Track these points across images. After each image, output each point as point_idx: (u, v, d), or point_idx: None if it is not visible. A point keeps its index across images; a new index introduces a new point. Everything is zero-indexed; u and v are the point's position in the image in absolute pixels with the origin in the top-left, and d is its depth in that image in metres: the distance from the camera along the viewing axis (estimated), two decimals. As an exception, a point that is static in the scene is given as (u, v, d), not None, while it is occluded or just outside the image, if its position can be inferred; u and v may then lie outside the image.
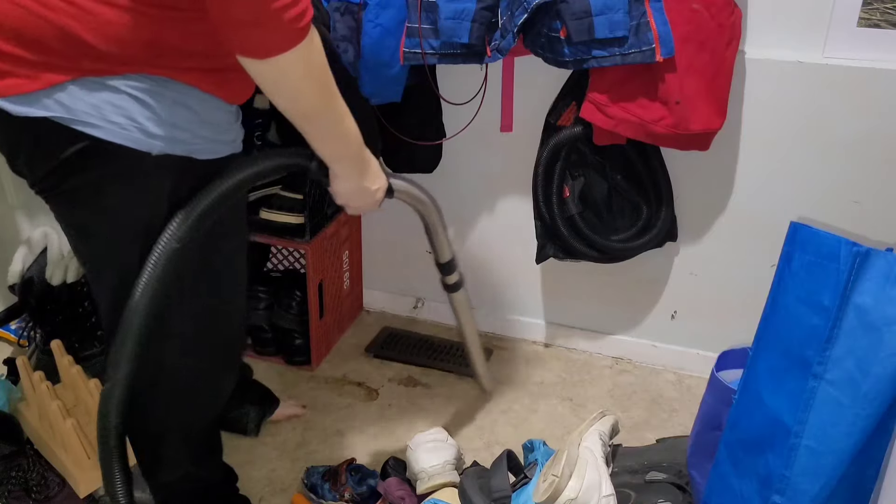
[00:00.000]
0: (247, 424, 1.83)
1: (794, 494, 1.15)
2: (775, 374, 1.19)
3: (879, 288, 1.08)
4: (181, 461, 1.40)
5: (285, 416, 1.90)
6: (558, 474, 1.31)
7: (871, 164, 1.70)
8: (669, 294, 2.03)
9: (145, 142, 1.07)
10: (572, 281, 2.09)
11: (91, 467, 1.57)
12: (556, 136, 1.77)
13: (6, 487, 1.55)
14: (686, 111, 1.60)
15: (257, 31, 0.98)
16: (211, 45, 1.07)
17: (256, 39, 0.99)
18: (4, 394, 1.76)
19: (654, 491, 1.47)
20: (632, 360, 2.13)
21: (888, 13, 1.59)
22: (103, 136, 1.05)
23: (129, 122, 1.06)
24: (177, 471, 1.41)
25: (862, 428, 1.10)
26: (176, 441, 1.38)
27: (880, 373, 1.07)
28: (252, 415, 1.84)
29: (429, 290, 2.28)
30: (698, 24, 1.55)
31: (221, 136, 1.16)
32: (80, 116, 1.04)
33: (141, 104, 1.06)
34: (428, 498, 1.51)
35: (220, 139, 1.16)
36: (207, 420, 1.43)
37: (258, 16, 0.96)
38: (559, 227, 1.84)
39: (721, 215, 1.89)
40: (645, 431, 1.86)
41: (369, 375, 2.07)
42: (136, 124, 1.06)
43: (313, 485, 1.65)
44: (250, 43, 1.00)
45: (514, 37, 1.57)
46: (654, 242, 1.87)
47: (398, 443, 1.80)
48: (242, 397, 1.86)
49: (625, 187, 1.83)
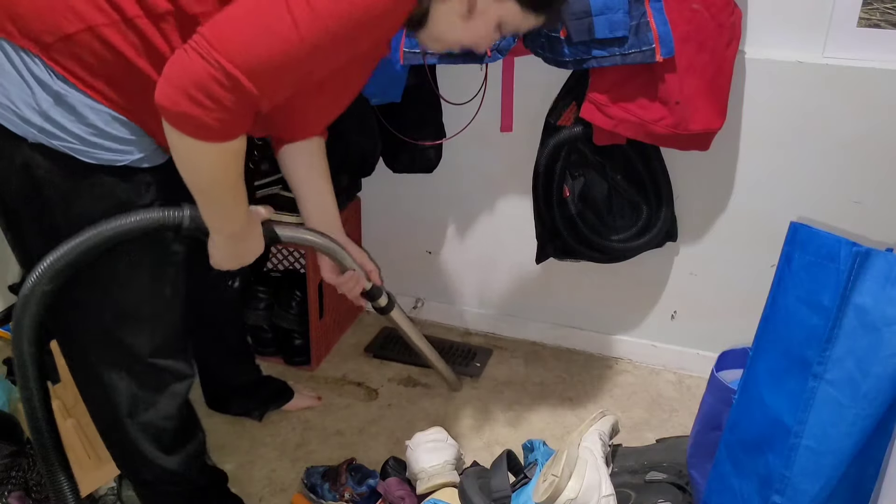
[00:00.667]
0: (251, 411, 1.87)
1: (794, 494, 1.15)
2: (775, 374, 1.19)
3: (879, 288, 1.08)
4: (146, 453, 1.38)
5: (300, 406, 1.91)
6: (558, 474, 1.31)
7: (871, 164, 1.70)
8: (669, 294, 2.03)
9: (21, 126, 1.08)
10: (572, 281, 2.09)
11: (92, 467, 1.57)
12: (556, 136, 1.77)
13: (6, 487, 1.55)
14: (686, 111, 1.60)
15: (183, 109, 0.98)
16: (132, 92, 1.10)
17: (177, 115, 0.99)
18: (4, 394, 1.76)
19: (654, 491, 1.47)
20: (632, 360, 2.13)
21: (888, 13, 1.59)
22: None
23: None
24: (151, 467, 1.39)
25: (862, 428, 1.10)
26: (133, 431, 1.36)
27: (880, 373, 1.07)
28: (258, 402, 1.87)
29: (428, 290, 2.28)
30: (698, 24, 1.55)
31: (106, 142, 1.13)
32: None
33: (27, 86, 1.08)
34: (428, 498, 1.51)
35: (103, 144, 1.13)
36: (158, 410, 1.38)
37: (188, 97, 0.97)
38: (559, 227, 1.84)
39: (721, 215, 1.89)
40: (645, 431, 1.86)
41: (369, 375, 2.07)
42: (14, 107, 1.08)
43: (313, 485, 1.65)
44: (170, 115, 1.00)
45: (514, 37, 1.57)
46: (654, 242, 1.87)
47: (398, 443, 1.80)
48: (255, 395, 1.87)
49: (625, 187, 1.83)
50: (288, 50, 0.99)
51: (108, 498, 1.61)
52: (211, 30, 0.98)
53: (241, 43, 0.97)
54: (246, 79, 0.97)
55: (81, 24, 1.05)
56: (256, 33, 0.98)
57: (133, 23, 1.07)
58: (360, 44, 1.07)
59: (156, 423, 1.36)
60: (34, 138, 1.09)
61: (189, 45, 0.98)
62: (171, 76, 0.99)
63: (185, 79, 0.97)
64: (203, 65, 0.96)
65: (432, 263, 2.25)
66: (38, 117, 1.08)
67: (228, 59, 0.96)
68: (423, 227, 2.20)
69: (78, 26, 1.05)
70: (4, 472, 1.57)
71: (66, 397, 1.67)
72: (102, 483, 1.61)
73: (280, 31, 0.98)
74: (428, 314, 2.31)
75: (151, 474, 1.41)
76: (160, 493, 1.45)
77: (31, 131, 1.09)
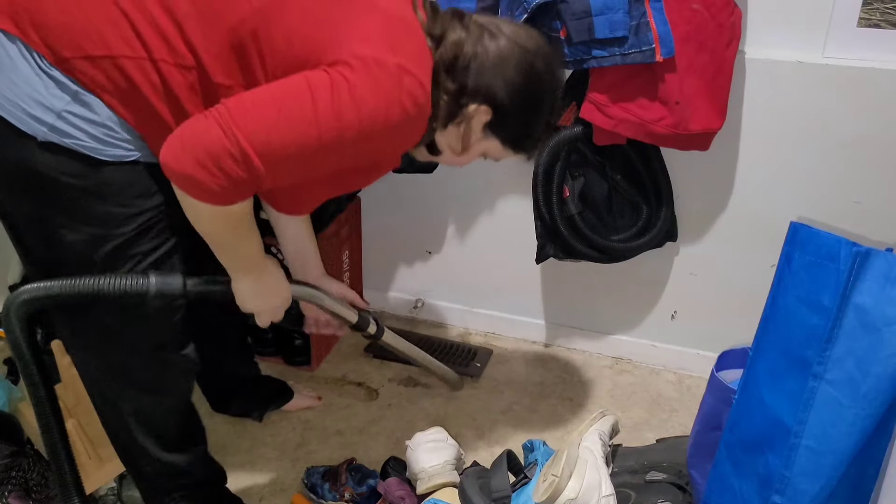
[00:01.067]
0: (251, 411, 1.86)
1: (794, 494, 1.15)
2: (775, 374, 1.19)
3: (879, 288, 1.08)
4: (149, 450, 1.39)
5: (301, 406, 1.92)
6: (558, 474, 1.31)
7: (871, 164, 1.70)
8: (669, 294, 2.03)
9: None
10: (572, 281, 2.09)
11: (92, 467, 1.58)
12: (556, 136, 1.77)
13: (6, 487, 1.55)
14: (686, 111, 1.60)
15: (190, 175, 1.02)
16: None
17: (181, 176, 1.03)
18: (4, 394, 1.76)
19: (654, 491, 1.47)
20: (632, 360, 2.13)
21: (888, 13, 1.59)
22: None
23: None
24: (151, 460, 1.40)
25: (862, 428, 1.10)
26: (139, 428, 1.37)
27: (880, 373, 1.07)
28: (258, 402, 1.87)
29: (429, 290, 2.28)
30: (698, 24, 1.55)
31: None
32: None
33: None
34: (428, 498, 1.51)
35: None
36: (163, 406, 1.40)
37: (197, 162, 1.00)
38: (559, 227, 1.84)
39: (721, 215, 1.89)
40: (645, 431, 1.86)
41: (369, 375, 2.07)
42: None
43: (313, 485, 1.65)
44: (174, 175, 1.03)
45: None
46: (654, 242, 1.87)
47: (398, 443, 1.80)
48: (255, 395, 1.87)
49: (625, 187, 1.83)
50: (303, 143, 1.04)
51: (108, 498, 1.61)
52: (236, 105, 1.02)
53: (262, 126, 1.02)
54: (258, 159, 1.01)
55: (105, 51, 1.07)
56: (278, 120, 1.02)
57: (157, 64, 1.09)
58: (368, 153, 1.15)
59: (160, 419, 1.37)
60: (44, 136, 1.08)
61: (210, 113, 1.02)
62: (184, 138, 1.02)
63: (198, 144, 1.01)
64: (220, 136, 1.00)
65: (432, 263, 2.25)
66: (50, 115, 1.08)
67: (246, 137, 1.00)
68: (423, 227, 2.20)
69: (102, 52, 1.07)
70: (4, 472, 1.57)
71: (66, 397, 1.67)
72: (103, 483, 1.61)
73: (300, 125, 1.03)
74: (428, 314, 2.31)
75: (153, 470, 1.42)
76: (161, 489, 1.45)
77: (42, 129, 1.08)
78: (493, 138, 1.22)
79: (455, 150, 1.23)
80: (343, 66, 1.05)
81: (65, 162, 1.10)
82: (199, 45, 1.08)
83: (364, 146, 1.09)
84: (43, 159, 1.09)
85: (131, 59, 1.08)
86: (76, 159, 1.10)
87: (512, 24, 1.20)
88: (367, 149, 1.12)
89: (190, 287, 1.23)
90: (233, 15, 1.08)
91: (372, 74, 1.05)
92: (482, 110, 1.17)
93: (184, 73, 1.10)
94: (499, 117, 1.18)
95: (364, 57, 1.05)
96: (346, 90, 1.04)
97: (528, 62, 1.16)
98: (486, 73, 1.14)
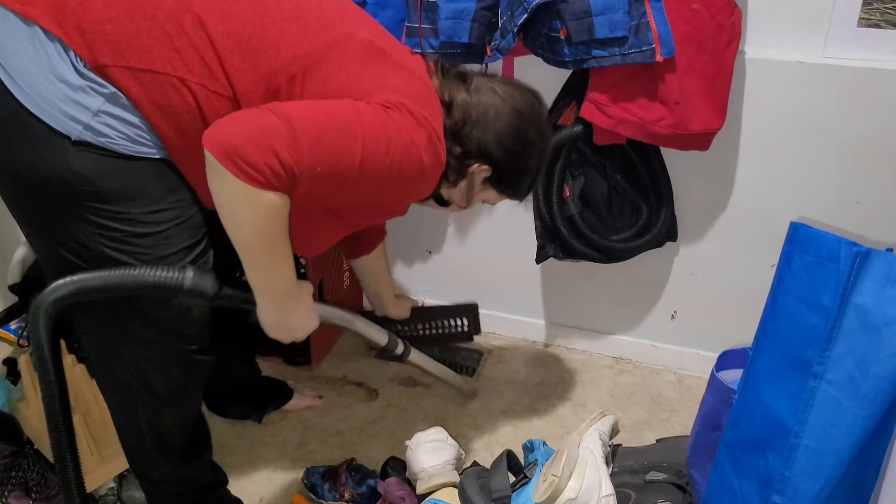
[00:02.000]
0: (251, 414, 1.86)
1: (794, 494, 1.15)
2: (775, 374, 1.19)
3: (879, 288, 1.08)
4: (161, 456, 1.39)
5: (301, 406, 1.92)
6: (558, 474, 1.31)
7: (871, 164, 1.70)
8: (669, 294, 2.03)
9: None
10: (572, 281, 2.09)
11: (93, 467, 1.58)
12: (557, 135, 1.77)
13: (6, 487, 1.55)
14: (686, 111, 1.60)
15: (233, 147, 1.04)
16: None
17: (227, 147, 1.04)
18: (4, 394, 1.76)
19: (654, 491, 1.47)
20: (632, 360, 2.13)
21: (888, 13, 1.59)
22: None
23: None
24: (160, 467, 1.40)
25: (862, 428, 1.10)
26: (154, 437, 1.37)
27: (880, 373, 1.07)
28: (258, 404, 1.87)
29: (429, 290, 2.28)
30: (698, 24, 1.55)
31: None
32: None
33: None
34: (428, 498, 1.51)
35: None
36: (180, 415, 1.39)
37: (246, 136, 1.03)
38: (559, 227, 1.84)
39: (721, 215, 1.89)
40: (645, 431, 1.86)
41: (369, 375, 2.07)
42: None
43: (313, 485, 1.65)
44: (219, 146, 1.04)
45: (514, 36, 1.57)
46: (654, 242, 1.87)
47: (398, 443, 1.80)
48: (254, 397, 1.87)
49: (625, 187, 1.83)
50: (345, 153, 1.10)
51: (108, 498, 1.61)
52: (289, 106, 1.08)
53: (314, 125, 1.07)
54: (307, 149, 1.05)
55: (148, 66, 1.09)
56: (328, 125, 1.09)
57: (195, 87, 1.11)
58: (391, 190, 1.24)
59: (175, 428, 1.38)
60: (79, 135, 1.08)
61: (261, 106, 1.07)
62: (235, 117, 1.07)
63: (251, 121, 1.05)
64: (275, 119, 1.04)
65: (432, 263, 2.25)
66: (86, 114, 1.08)
67: (301, 128, 1.05)
68: (423, 227, 2.20)
69: (144, 65, 1.09)
70: (4, 472, 1.57)
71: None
72: (104, 481, 1.61)
73: (346, 137, 1.10)
74: (428, 314, 2.31)
75: (160, 476, 1.42)
76: (165, 492, 1.45)
77: (77, 128, 1.08)
78: (491, 189, 1.39)
79: (461, 203, 1.39)
80: (382, 104, 1.15)
81: (99, 160, 1.10)
82: (237, 80, 1.12)
83: (391, 181, 1.18)
84: (77, 159, 1.09)
85: (172, 78, 1.10)
86: (110, 157, 1.11)
87: (507, 85, 1.33)
88: (392, 186, 1.21)
89: (223, 293, 1.22)
90: (275, 60, 1.13)
91: (407, 117, 1.16)
92: (483, 169, 1.32)
93: (220, 102, 1.13)
94: (497, 174, 1.34)
95: (399, 103, 1.16)
96: (388, 119, 1.14)
97: (524, 129, 1.31)
98: (488, 137, 1.29)
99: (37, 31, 1.07)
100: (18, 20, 1.08)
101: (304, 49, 1.14)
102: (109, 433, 1.57)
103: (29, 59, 1.07)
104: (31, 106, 1.07)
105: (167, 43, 1.09)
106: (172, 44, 1.10)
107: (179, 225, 1.19)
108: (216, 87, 1.12)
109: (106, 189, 1.11)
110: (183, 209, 1.19)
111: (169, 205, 1.17)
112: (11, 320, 2.11)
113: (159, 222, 1.16)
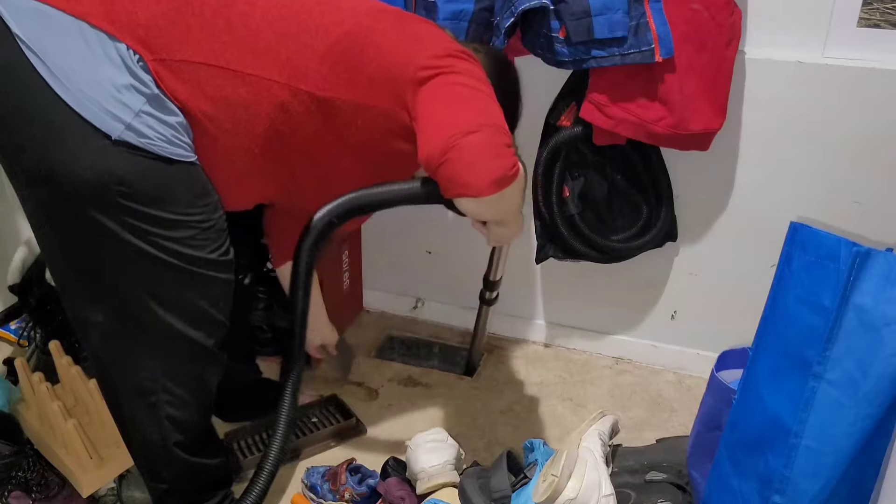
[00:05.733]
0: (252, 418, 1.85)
1: (794, 494, 1.15)
2: (775, 374, 1.19)
3: (879, 288, 1.08)
4: (175, 458, 1.39)
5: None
6: (558, 474, 1.31)
7: (871, 164, 1.70)
8: (669, 294, 2.03)
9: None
10: (572, 281, 2.09)
11: (93, 467, 1.58)
12: (556, 136, 1.77)
13: (6, 487, 1.55)
14: (686, 111, 1.60)
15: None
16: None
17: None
18: (4, 394, 1.76)
19: (654, 491, 1.47)
20: (632, 360, 2.13)
21: (888, 13, 1.59)
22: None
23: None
24: (173, 463, 1.40)
25: (862, 428, 1.10)
26: (173, 432, 1.36)
27: (880, 373, 1.07)
28: (258, 408, 1.85)
29: (428, 290, 2.28)
30: (698, 24, 1.55)
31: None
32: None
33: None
34: (428, 498, 1.51)
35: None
36: (200, 410, 1.40)
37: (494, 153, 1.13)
38: (559, 227, 1.84)
39: (721, 215, 1.89)
40: (645, 431, 1.86)
41: (369, 375, 2.07)
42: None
43: (313, 485, 1.65)
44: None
45: (504, 39, 1.57)
46: (654, 242, 1.87)
47: (398, 443, 1.80)
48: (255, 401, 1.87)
49: (625, 187, 1.83)
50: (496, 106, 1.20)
51: (108, 498, 1.61)
52: (459, 115, 1.16)
53: (480, 105, 1.17)
54: (500, 119, 1.18)
55: (202, 59, 1.13)
56: (482, 105, 1.18)
57: (246, 77, 1.15)
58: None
59: (193, 423, 1.38)
60: (119, 135, 1.08)
61: (447, 134, 1.13)
62: (464, 160, 1.12)
63: (476, 153, 1.13)
64: (478, 132, 1.13)
65: (432, 263, 2.25)
66: (128, 113, 1.09)
67: (493, 119, 1.16)
68: (423, 227, 2.20)
69: (199, 59, 1.13)
70: (4, 471, 1.57)
71: (65, 397, 1.68)
72: (103, 483, 1.61)
73: (488, 103, 1.20)
74: (428, 314, 2.31)
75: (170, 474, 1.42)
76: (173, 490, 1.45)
77: (119, 127, 1.08)
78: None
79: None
80: (450, 54, 1.21)
81: (137, 161, 1.11)
82: (293, 64, 1.17)
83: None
84: (116, 159, 1.09)
85: (226, 71, 1.14)
86: (148, 158, 1.11)
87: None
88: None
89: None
90: (326, 39, 1.19)
91: (465, 59, 1.22)
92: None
93: (275, 88, 1.17)
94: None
95: (454, 50, 1.22)
96: (472, 72, 1.20)
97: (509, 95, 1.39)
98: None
99: (84, 28, 1.08)
100: (65, 17, 1.08)
101: (347, 26, 1.20)
102: (108, 434, 1.57)
103: (74, 56, 1.07)
104: (73, 103, 1.07)
105: (218, 37, 1.13)
106: (223, 37, 1.13)
107: (207, 229, 1.21)
108: (271, 74, 1.16)
109: (141, 190, 1.12)
110: (210, 213, 1.21)
111: (198, 209, 1.19)
112: (11, 320, 2.11)
113: (189, 225, 1.18)
